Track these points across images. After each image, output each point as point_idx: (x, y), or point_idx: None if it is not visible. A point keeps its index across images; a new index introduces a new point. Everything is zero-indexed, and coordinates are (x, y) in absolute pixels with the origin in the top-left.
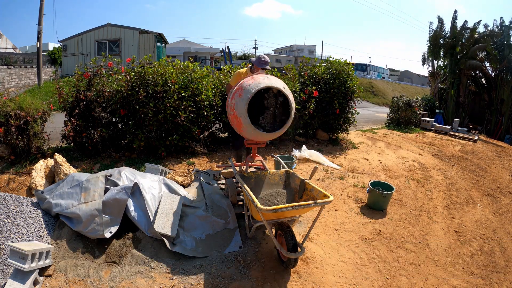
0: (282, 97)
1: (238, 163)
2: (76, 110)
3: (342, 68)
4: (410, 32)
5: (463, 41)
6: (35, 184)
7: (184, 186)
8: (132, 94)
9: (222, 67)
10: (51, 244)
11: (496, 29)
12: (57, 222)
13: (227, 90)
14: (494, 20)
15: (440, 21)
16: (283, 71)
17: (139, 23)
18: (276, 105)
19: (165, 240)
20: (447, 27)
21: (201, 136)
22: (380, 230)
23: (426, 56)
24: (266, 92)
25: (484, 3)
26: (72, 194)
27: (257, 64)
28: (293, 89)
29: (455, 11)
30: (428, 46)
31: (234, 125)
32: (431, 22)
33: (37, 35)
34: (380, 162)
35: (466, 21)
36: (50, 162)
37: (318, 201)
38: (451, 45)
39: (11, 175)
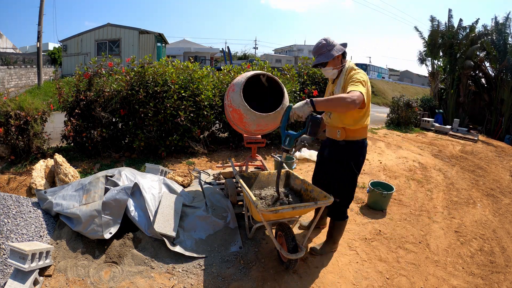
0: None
1: (238, 163)
2: (76, 110)
3: None
4: (411, 32)
5: (461, 40)
6: (35, 184)
7: (184, 186)
8: (132, 94)
9: (222, 67)
10: (51, 244)
11: (494, 28)
12: (57, 222)
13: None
14: (492, 18)
15: (436, 20)
16: (283, 71)
17: (139, 23)
18: (270, 93)
19: (165, 240)
20: (445, 26)
21: (201, 136)
22: (380, 230)
23: (423, 55)
24: (258, 86)
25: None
26: (75, 196)
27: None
28: (293, 89)
29: (450, 10)
30: (426, 46)
31: (235, 120)
32: (432, 17)
33: (37, 35)
34: (380, 162)
35: (461, 20)
36: (50, 162)
37: (318, 201)
38: (449, 44)
39: (11, 175)
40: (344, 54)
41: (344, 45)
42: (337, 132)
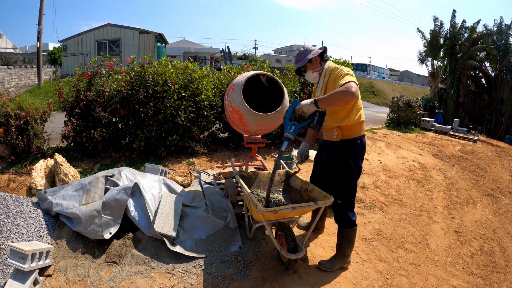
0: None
1: (238, 163)
2: (76, 110)
3: None
4: (411, 32)
5: (462, 41)
6: (35, 184)
7: (184, 186)
8: (132, 94)
9: (222, 67)
10: (51, 244)
11: (496, 29)
12: (57, 222)
13: None
14: (495, 19)
15: (438, 21)
16: (283, 71)
17: (139, 23)
18: (270, 93)
19: (165, 240)
20: (446, 26)
21: (201, 136)
22: (380, 230)
23: (423, 55)
24: (258, 86)
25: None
26: (75, 196)
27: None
28: (293, 89)
29: (454, 11)
30: (427, 47)
31: (235, 120)
32: (435, 18)
33: (37, 35)
34: (380, 162)
35: (464, 21)
36: (50, 162)
37: (318, 201)
38: (450, 45)
39: (11, 175)
40: (322, 57)
41: (322, 48)
42: (333, 132)
